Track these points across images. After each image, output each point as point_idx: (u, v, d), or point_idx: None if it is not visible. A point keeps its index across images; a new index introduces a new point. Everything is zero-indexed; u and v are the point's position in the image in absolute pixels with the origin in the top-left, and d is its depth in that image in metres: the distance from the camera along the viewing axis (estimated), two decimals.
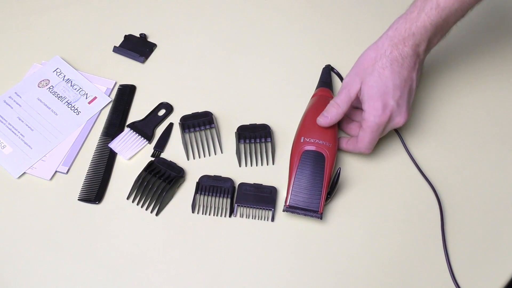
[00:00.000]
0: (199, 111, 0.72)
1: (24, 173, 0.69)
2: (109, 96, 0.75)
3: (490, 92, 0.76)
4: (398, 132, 0.71)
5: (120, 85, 0.76)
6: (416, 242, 0.65)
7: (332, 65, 0.77)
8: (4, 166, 0.69)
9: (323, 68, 0.76)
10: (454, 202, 0.68)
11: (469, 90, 0.76)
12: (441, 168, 0.70)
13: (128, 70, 0.77)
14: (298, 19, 0.82)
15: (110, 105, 0.74)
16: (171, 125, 0.73)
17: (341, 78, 0.76)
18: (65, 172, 0.69)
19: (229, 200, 0.66)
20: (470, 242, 0.65)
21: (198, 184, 0.67)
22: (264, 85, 0.76)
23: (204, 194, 0.67)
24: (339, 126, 0.70)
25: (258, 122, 0.73)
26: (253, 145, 0.70)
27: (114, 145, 0.70)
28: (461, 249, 0.65)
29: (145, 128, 0.72)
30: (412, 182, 0.69)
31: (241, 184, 0.67)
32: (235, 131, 0.71)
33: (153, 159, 0.70)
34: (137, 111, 0.74)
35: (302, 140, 0.66)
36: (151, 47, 0.79)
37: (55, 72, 0.76)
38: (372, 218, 0.67)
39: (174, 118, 0.73)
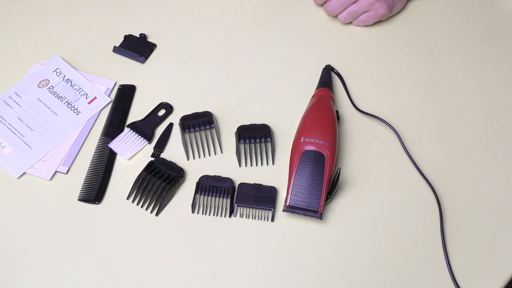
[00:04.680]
0: (199, 111, 0.72)
1: (24, 173, 0.69)
2: (109, 96, 0.75)
3: (490, 92, 0.76)
4: (397, 132, 0.71)
5: (120, 85, 0.76)
6: (416, 242, 0.65)
7: (332, 65, 0.77)
8: (4, 166, 0.69)
9: (323, 68, 0.76)
10: (453, 202, 0.68)
11: (469, 90, 0.76)
12: (440, 168, 0.70)
13: (128, 70, 0.77)
14: (298, 19, 0.82)
15: (110, 105, 0.74)
16: (171, 125, 0.73)
17: (341, 78, 0.76)
18: (65, 172, 0.69)
19: (229, 200, 0.66)
20: (470, 242, 0.65)
21: (198, 184, 0.67)
22: (264, 85, 0.76)
23: (204, 194, 0.67)
24: None
25: (258, 122, 0.73)
26: (253, 145, 0.70)
27: (114, 145, 0.70)
28: (461, 249, 0.65)
29: (145, 128, 0.72)
30: (412, 182, 0.69)
31: (241, 184, 0.67)
32: (235, 131, 0.70)
33: (153, 159, 0.70)
34: (137, 111, 0.74)
35: (302, 140, 0.65)
36: (151, 47, 0.79)
37: (55, 72, 0.76)
38: (372, 218, 0.67)
39: (174, 118, 0.73)
